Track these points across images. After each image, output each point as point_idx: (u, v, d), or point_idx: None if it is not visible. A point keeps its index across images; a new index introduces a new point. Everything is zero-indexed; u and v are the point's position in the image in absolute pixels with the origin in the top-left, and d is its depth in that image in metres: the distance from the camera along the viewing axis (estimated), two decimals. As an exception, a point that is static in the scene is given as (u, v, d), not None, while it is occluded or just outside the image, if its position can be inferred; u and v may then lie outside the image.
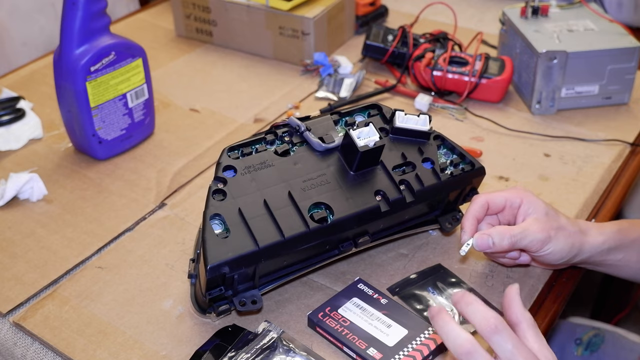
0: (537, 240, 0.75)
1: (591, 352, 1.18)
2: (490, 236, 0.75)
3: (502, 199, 0.79)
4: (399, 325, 0.75)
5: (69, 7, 0.92)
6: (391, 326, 0.75)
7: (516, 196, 0.79)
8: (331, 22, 1.26)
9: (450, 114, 1.12)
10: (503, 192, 0.80)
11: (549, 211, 0.78)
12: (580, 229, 0.79)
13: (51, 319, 0.79)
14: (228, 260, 0.68)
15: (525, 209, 0.78)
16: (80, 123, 0.99)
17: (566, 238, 0.77)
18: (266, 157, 0.76)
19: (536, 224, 0.76)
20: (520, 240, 0.75)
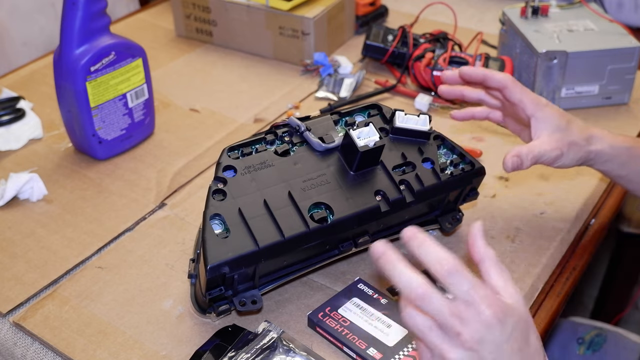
0: (550, 158, 0.82)
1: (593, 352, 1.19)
2: (519, 157, 0.81)
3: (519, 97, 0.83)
4: (399, 325, 0.75)
5: (69, 7, 0.92)
6: (391, 326, 0.75)
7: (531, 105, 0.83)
8: (331, 22, 1.26)
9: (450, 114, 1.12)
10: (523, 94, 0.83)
11: (561, 125, 0.83)
12: (589, 140, 0.84)
13: (51, 319, 0.79)
14: (228, 260, 0.68)
15: (539, 123, 0.83)
16: (80, 123, 0.99)
17: (576, 153, 0.83)
18: (266, 157, 0.76)
19: (550, 142, 0.82)
20: (539, 158, 0.82)
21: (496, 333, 0.54)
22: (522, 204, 0.94)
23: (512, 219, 0.92)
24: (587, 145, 0.83)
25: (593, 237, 0.92)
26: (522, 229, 0.90)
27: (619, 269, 1.61)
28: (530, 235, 0.89)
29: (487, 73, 0.84)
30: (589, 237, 0.92)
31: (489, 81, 0.84)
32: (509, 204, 0.94)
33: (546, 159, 0.82)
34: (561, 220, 0.92)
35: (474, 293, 0.54)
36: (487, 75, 0.84)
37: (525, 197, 0.95)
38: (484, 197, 0.95)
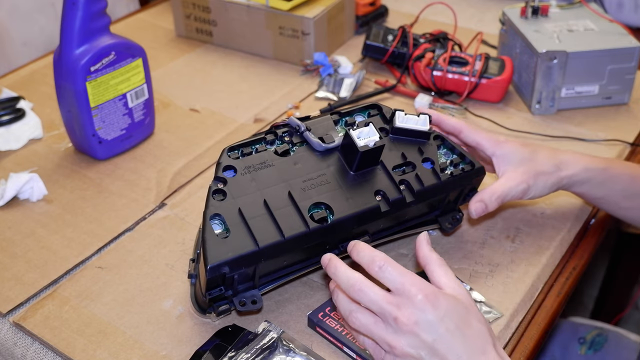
0: (518, 192, 0.81)
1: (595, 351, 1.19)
2: (483, 202, 0.81)
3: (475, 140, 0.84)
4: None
5: (69, 7, 0.92)
6: (391, 326, 0.75)
7: (489, 145, 0.83)
8: (331, 22, 1.26)
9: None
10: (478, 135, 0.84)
11: (524, 157, 0.82)
12: (558, 166, 0.83)
13: (51, 319, 0.79)
14: (228, 260, 0.68)
15: (500, 161, 0.83)
16: (80, 123, 0.99)
17: (545, 181, 0.82)
18: (266, 157, 0.76)
19: (514, 178, 0.81)
20: (504, 198, 0.81)
21: (429, 314, 0.59)
22: (522, 204, 0.94)
23: (512, 219, 0.92)
24: (557, 172, 0.83)
25: (593, 237, 0.92)
26: (522, 229, 0.90)
27: (619, 269, 1.61)
28: (530, 235, 0.89)
29: (441, 119, 0.85)
30: (589, 237, 0.92)
31: (442, 126, 0.85)
32: (509, 204, 0.94)
33: (513, 195, 0.81)
34: (561, 220, 0.92)
35: (405, 280, 0.60)
36: (441, 121, 0.85)
37: (525, 197, 0.95)
38: (484, 197, 0.95)
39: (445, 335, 0.59)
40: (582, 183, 0.84)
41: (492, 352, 0.61)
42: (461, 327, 0.60)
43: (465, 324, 0.60)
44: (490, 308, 0.79)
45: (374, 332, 0.61)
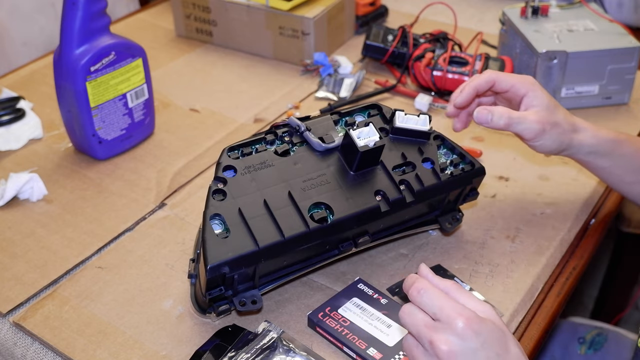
0: (531, 130, 0.81)
1: (595, 351, 1.19)
2: (490, 112, 0.81)
3: (509, 83, 0.83)
4: (399, 325, 0.75)
5: (69, 7, 0.92)
6: (391, 326, 0.75)
7: (522, 85, 0.83)
8: (331, 22, 1.26)
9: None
10: (512, 78, 0.84)
11: (550, 106, 0.83)
12: (574, 128, 0.84)
13: (51, 319, 0.79)
14: (228, 260, 0.68)
15: (530, 100, 0.83)
16: (80, 123, 0.99)
17: (558, 135, 0.82)
18: (266, 157, 0.76)
19: (535, 115, 0.81)
20: (516, 125, 0.81)
21: (470, 342, 0.56)
22: (522, 204, 0.94)
23: (512, 219, 0.92)
24: (571, 132, 0.83)
25: (593, 237, 0.92)
26: (522, 229, 0.90)
27: (619, 269, 1.61)
28: (530, 235, 0.89)
29: (473, 83, 0.84)
30: (589, 237, 0.92)
31: (479, 88, 0.84)
32: (509, 204, 0.94)
33: (525, 128, 0.81)
34: (561, 220, 0.92)
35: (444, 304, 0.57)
36: (474, 85, 0.84)
37: (525, 197, 0.95)
38: (484, 197, 0.95)
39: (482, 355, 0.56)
40: (589, 152, 0.85)
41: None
42: (501, 354, 0.57)
43: (504, 350, 0.58)
44: (490, 308, 0.79)
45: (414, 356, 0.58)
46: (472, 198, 0.87)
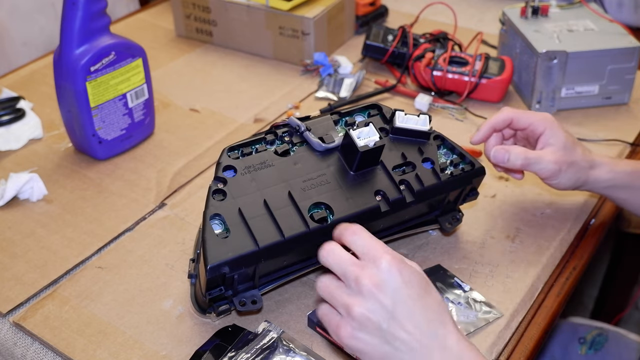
0: (548, 170, 0.82)
1: (595, 351, 1.19)
2: (508, 152, 0.83)
3: (527, 121, 0.84)
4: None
5: (69, 7, 0.92)
6: (391, 326, 0.75)
7: (540, 124, 0.84)
8: (331, 22, 1.26)
9: (450, 114, 1.12)
10: (530, 115, 0.84)
11: (567, 144, 0.83)
12: (591, 164, 0.84)
13: (51, 319, 0.79)
14: (228, 260, 0.68)
15: (547, 138, 0.83)
16: (80, 123, 0.99)
17: (574, 173, 0.83)
18: (266, 157, 0.76)
19: (552, 155, 0.82)
20: (533, 165, 0.82)
21: (394, 277, 0.59)
22: (522, 204, 0.94)
23: (512, 219, 0.92)
24: (588, 170, 0.84)
25: (593, 237, 0.92)
26: (522, 229, 0.90)
27: (619, 269, 1.61)
28: (530, 235, 0.89)
29: (490, 123, 0.85)
30: (589, 237, 0.92)
31: (496, 127, 0.85)
32: (509, 204, 0.94)
33: (542, 168, 0.82)
34: (561, 220, 0.92)
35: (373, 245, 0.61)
36: (492, 124, 0.85)
37: (525, 197, 0.95)
38: (484, 197, 0.95)
39: (407, 301, 0.59)
40: (606, 186, 0.85)
41: (451, 324, 0.61)
42: (423, 296, 0.60)
43: (426, 293, 0.61)
44: (490, 308, 0.79)
45: (334, 294, 0.61)
46: (472, 198, 0.87)
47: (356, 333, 0.60)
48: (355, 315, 0.59)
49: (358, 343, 0.60)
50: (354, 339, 0.60)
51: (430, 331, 0.59)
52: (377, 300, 0.59)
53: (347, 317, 0.60)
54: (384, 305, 0.59)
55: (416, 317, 0.59)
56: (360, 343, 0.60)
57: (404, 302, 0.59)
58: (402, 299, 0.59)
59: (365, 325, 0.59)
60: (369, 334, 0.59)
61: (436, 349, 0.59)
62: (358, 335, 0.60)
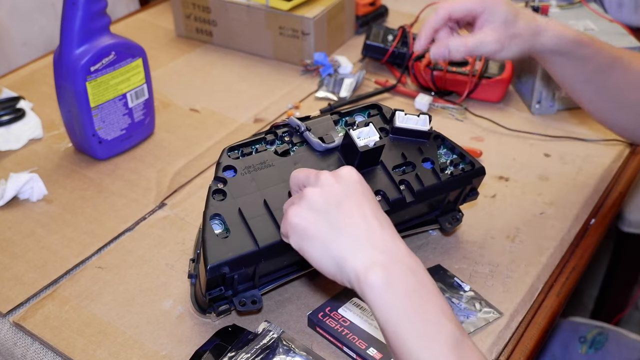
0: (490, 51, 0.81)
1: (596, 350, 1.19)
2: (446, 47, 0.81)
3: (464, 9, 0.82)
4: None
5: (69, 7, 0.92)
6: (391, 326, 0.75)
7: (478, 5, 0.82)
8: (331, 22, 1.26)
9: (450, 114, 1.12)
10: (465, 3, 0.82)
11: (509, 17, 0.81)
12: (536, 31, 0.82)
13: (51, 319, 0.79)
14: (228, 260, 0.68)
15: (485, 17, 0.82)
16: (80, 123, 0.99)
17: (518, 44, 0.82)
18: (266, 157, 0.76)
19: (492, 34, 0.81)
20: (474, 51, 0.81)
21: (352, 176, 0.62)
22: (522, 204, 0.94)
23: (512, 219, 0.92)
24: (532, 38, 0.82)
25: (593, 237, 0.92)
26: (522, 229, 0.90)
27: (619, 269, 1.61)
28: (530, 235, 0.89)
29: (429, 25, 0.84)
30: (589, 237, 0.92)
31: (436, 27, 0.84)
32: (509, 204, 0.94)
33: (483, 51, 0.81)
34: (561, 220, 0.92)
35: None
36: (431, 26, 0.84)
37: (525, 197, 0.95)
38: (484, 197, 0.95)
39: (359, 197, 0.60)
40: (551, 51, 0.84)
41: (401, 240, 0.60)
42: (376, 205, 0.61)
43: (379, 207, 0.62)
44: (490, 308, 0.79)
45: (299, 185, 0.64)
46: (472, 198, 0.87)
47: (302, 211, 0.60)
48: (306, 194, 0.60)
49: (301, 221, 0.60)
50: (298, 217, 0.60)
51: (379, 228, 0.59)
52: (330, 186, 0.60)
53: (298, 200, 0.61)
54: (336, 190, 0.60)
55: (366, 211, 0.60)
56: (303, 221, 0.60)
57: (357, 195, 0.60)
58: (356, 192, 0.60)
59: (313, 204, 0.60)
60: (314, 213, 0.60)
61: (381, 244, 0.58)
62: (303, 214, 0.60)
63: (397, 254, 0.58)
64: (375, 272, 0.56)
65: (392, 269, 0.57)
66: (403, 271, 0.57)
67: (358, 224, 0.59)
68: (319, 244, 0.59)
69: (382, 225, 0.60)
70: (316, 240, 0.59)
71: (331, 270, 0.59)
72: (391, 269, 0.57)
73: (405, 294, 0.56)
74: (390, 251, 0.58)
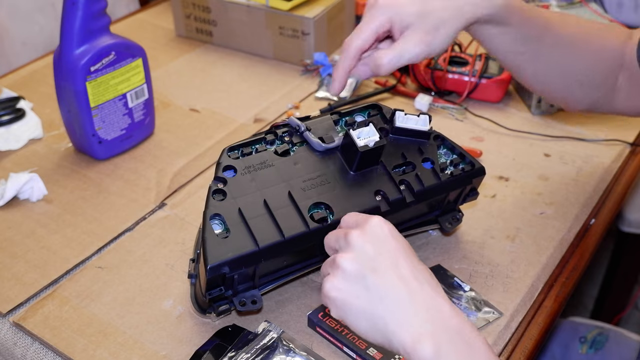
0: (416, 54, 0.74)
1: (596, 350, 1.19)
2: (369, 66, 0.75)
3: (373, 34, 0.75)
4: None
5: (69, 7, 0.92)
6: (391, 326, 0.75)
7: (384, 20, 0.74)
8: (331, 22, 1.26)
9: (450, 114, 1.12)
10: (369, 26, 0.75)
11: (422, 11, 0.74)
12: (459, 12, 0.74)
13: (51, 319, 0.79)
14: (228, 260, 0.68)
15: (397, 27, 0.75)
16: (80, 123, 0.99)
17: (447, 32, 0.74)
18: (266, 157, 0.76)
19: (411, 37, 0.74)
20: (400, 62, 0.74)
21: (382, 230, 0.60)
22: (522, 204, 0.94)
23: (512, 219, 0.92)
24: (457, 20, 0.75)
25: (593, 237, 0.92)
26: (522, 229, 0.90)
27: (619, 269, 1.61)
28: (530, 235, 0.89)
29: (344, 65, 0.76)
30: (589, 237, 0.92)
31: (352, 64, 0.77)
32: (509, 204, 0.94)
33: (410, 58, 0.74)
34: (561, 220, 0.92)
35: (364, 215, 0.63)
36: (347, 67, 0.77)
37: (525, 197, 0.95)
38: (484, 197, 0.95)
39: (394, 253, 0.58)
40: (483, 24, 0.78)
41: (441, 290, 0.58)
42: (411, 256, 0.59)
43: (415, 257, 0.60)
44: (490, 308, 0.79)
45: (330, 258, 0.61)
46: (472, 198, 0.87)
47: (338, 283, 0.58)
48: (339, 264, 0.58)
49: (340, 293, 0.58)
50: (335, 290, 0.58)
51: (419, 288, 0.57)
52: (362, 248, 0.58)
53: (332, 269, 0.59)
54: (369, 253, 0.58)
55: (403, 270, 0.57)
56: (341, 293, 0.58)
57: (390, 253, 0.58)
58: (389, 250, 0.58)
59: (347, 273, 0.58)
60: (350, 282, 0.57)
61: (424, 308, 0.56)
62: (340, 285, 0.58)
63: (441, 317, 0.56)
64: (422, 345, 0.55)
65: (440, 338, 0.55)
66: (451, 337, 0.55)
67: (398, 289, 0.57)
68: (361, 316, 0.57)
69: (421, 282, 0.57)
70: (358, 312, 0.57)
71: (379, 342, 0.57)
72: (439, 339, 0.55)
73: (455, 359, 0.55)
74: (434, 315, 0.56)
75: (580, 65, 0.85)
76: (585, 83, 0.87)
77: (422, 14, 0.74)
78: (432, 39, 0.74)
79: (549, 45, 0.82)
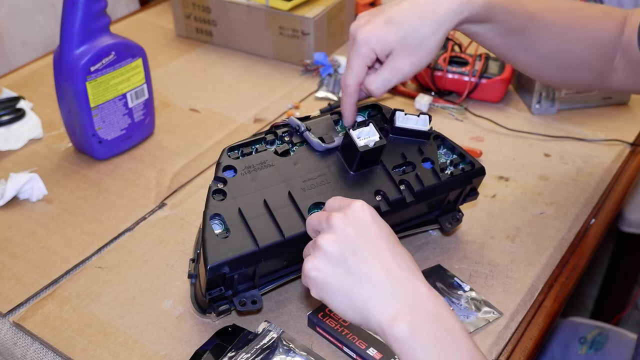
0: (404, 75, 0.76)
1: (596, 351, 1.19)
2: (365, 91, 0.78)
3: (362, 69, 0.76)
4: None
5: (69, 7, 0.92)
6: (391, 326, 0.75)
7: (369, 54, 0.75)
8: (331, 22, 1.26)
9: (450, 114, 1.12)
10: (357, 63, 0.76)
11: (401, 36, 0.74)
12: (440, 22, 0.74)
13: (51, 319, 0.79)
14: (228, 260, 0.68)
15: (382, 54, 0.76)
16: (80, 123, 0.99)
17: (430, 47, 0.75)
18: (266, 157, 0.76)
19: (397, 61, 0.75)
20: (388, 84, 0.76)
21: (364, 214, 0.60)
22: (522, 204, 0.94)
23: (512, 219, 0.92)
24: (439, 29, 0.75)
25: (593, 237, 0.92)
26: (522, 229, 0.90)
27: (619, 269, 1.61)
28: (530, 235, 0.89)
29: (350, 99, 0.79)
30: (589, 237, 0.92)
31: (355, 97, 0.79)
32: (509, 204, 0.94)
33: (408, 74, 0.76)
34: (561, 220, 0.92)
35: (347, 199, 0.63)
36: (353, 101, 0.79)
37: (525, 197, 0.95)
38: (484, 197, 0.95)
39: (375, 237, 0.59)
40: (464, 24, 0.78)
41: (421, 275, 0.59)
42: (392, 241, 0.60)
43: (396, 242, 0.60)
44: (490, 308, 0.79)
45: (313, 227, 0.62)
46: (472, 198, 0.87)
47: (319, 263, 0.59)
48: (320, 245, 0.59)
49: (319, 274, 0.58)
50: (315, 270, 0.59)
51: (398, 272, 0.58)
52: (344, 231, 0.59)
53: (314, 251, 0.60)
54: (350, 236, 0.59)
55: (383, 255, 0.58)
56: (321, 274, 0.58)
57: (372, 237, 0.59)
58: (370, 234, 0.59)
59: (329, 254, 0.58)
60: (331, 264, 0.58)
61: (402, 291, 0.57)
62: (320, 266, 0.59)
63: (420, 301, 0.57)
64: (399, 324, 0.56)
65: (416, 319, 0.56)
66: (427, 319, 0.56)
67: (378, 272, 0.58)
68: (340, 296, 0.58)
69: (401, 267, 0.58)
70: (337, 292, 0.58)
71: (357, 321, 0.59)
72: (415, 320, 0.56)
73: (431, 343, 0.56)
74: (413, 298, 0.57)
75: (575, 52, 0.85)
76: (580, 68, 0.87)
77: (401, 38, 0.75)
78: (416, 57, 0.76)
79: (535, 35, 0.82)
